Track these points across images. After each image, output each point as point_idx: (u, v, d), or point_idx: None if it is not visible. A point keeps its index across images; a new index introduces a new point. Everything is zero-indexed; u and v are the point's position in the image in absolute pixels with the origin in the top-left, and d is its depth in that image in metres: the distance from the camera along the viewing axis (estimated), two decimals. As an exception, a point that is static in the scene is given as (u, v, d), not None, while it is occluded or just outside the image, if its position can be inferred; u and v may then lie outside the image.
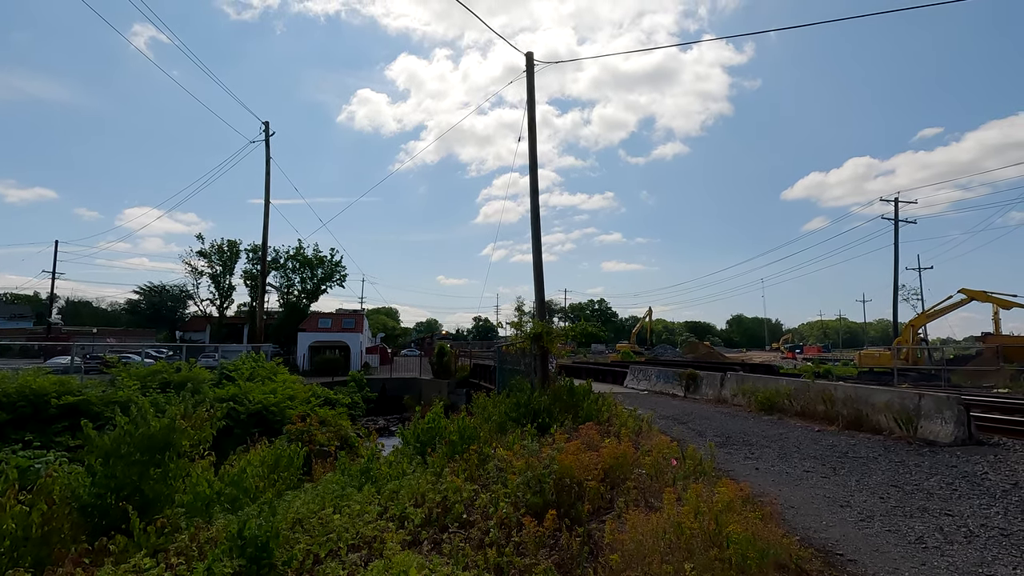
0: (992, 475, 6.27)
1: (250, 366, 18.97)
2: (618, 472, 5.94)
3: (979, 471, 6.45)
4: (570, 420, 9.02)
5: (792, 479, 6.40)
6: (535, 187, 12.27)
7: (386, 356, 50.52)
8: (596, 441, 6.96)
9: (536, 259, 12.30)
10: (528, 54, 12.64)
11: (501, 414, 9.62)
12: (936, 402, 8.43)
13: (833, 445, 8.19)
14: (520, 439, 7.22)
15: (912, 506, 5.22)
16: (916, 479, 6.20)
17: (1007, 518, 4.81)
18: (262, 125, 28.35)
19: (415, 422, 8.79)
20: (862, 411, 9.42)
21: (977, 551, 4.10)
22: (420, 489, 5.77)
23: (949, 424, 8.10)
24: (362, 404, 27.65)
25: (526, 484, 5.27)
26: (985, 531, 4.50)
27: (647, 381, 18.61)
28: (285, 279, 49.13)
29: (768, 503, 4.94)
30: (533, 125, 12.49)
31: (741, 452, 7.93)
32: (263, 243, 29.14)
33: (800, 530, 4.66)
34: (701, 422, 10.77)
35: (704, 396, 14.85)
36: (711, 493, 4.45)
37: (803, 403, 10.83)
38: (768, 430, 9.64)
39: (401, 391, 32.37)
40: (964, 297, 28.55)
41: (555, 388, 10.50)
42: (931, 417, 8.36)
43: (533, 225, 12.31)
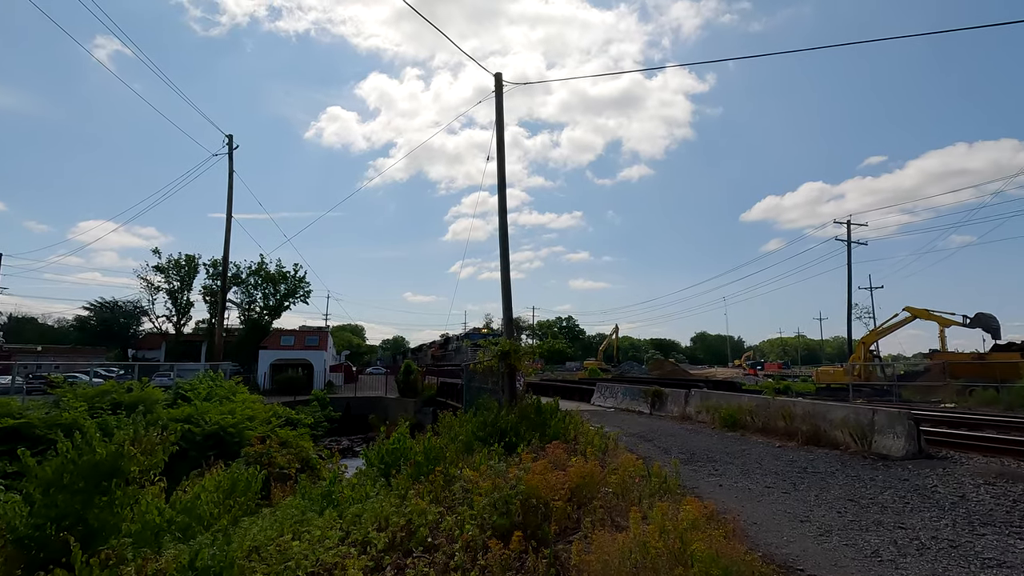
0: (941, 488, 6.51)
1: (207, 385, 18.28)
2: (585, 491, 5.93)
3: (929, 484, 6.69)
4: (537, 439, 8.97)
5: (754, 495, 6.50)
6: (503, 206, 12.35)
7: (351, 374, 49.45)
8: (563, 460, 6.95)
9: (504, 277, 12.32)
10: (497, 75, 12.81)
11: (468, 433, 9.51)
12: (889, 417, 8.75)
13: (793, 461, 8.38)
14: (487, 459, 7.14)
15: (868, 520, 5.37)
16: (871, 493, 6.38)
17: (955, 530, 4.99)
18: (225, 138, 27.79)
19: (379, 443, 8.60)
20: (820, 427, 9.69)
21: (928, 563, 4.23)
22: (384, 512, 5.63)
23: (901, 439, 8.40)
24: (325, 424, 26.91)
25: (492, 505, 5.20)
26: (935, 543, 4.65)
27: (614, 398, 18.74)
28: (246, 295, 47.85)
29: (731, 520, 5.01)
30: (502, 144, 12.61)
31: (705, 469, 8.03)
32: (224, 257, 28.36)
33: (762, 546, 4.73)
34: (666, 439, 10.87)
35: (669, 413, 15.03)
36: (676, 511, 4.47)
37: (764, 419, 11.07)
38: (731, 446, 9.80)
39: (366, 410, 31.69)
40: (908, 315, 29.92)
41: (522, 406, 10.46)
42: (884, 432, 8.66)
43: (501, 244, 12.35)
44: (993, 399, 20.41)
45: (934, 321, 28.92)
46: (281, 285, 48.18)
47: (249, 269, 47.17)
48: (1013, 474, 7.15)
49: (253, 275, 47.25)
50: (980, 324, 27.58)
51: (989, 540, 4.69)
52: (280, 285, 48.10)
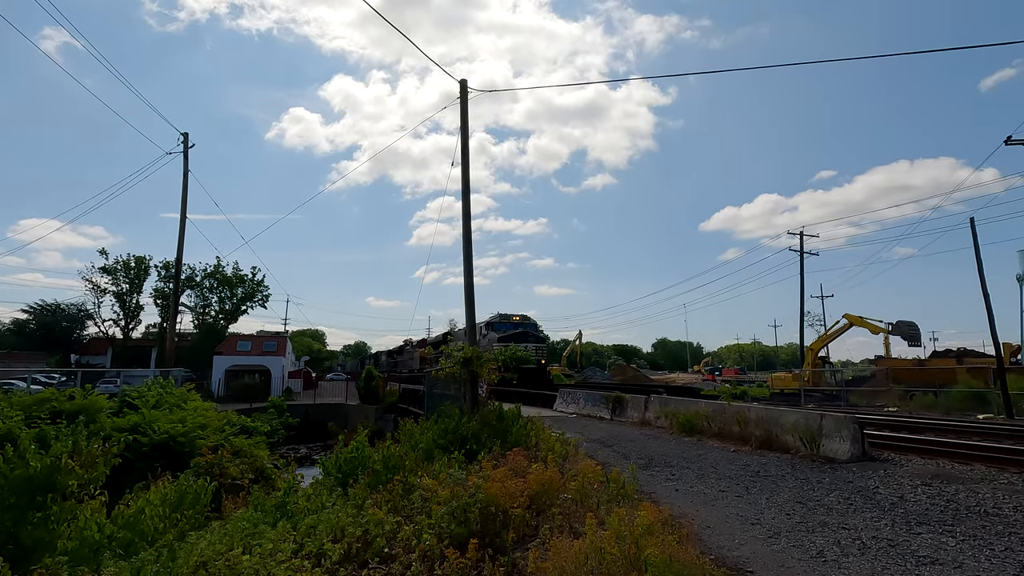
0: (882, 489, 6.82)
1: (157, 392, 17.50)
2: (544, 498, 5.95)
3: (871, 486, 7.00)
4: (498, 446, 8.96)
5: (709, 499, 6.66)
6: (467, 212, 12.34)
7: (310, 380, 48.28)
8: (523, 467, 6.96)
9: (467, 283, 12.29)
10: (462, 81, 12.82)
11: (428, 441, 9.42)
12: (835, 422, 9.12)
13: (746, 465, 8.63)
14: (447, 467, 7.09)
15: (814, 521, 5.57)
16: (818, 495, 6.63)
17: (894, 529, 5.23)
18: (180, 136, 26.86)
19: (337, 451, 8.43)
20: (772, 431, 10.02)
21: (869, 562, 4.42)
22: (340, 523, 5.51)
23: (846, 442, 8.76)
24: (282, 432, 26.18)
25: (451, 514, 5.16)
26: (876, 543, 4.86)
27: (576, 404, 18.90)
28: (201, 298, 46.23)
29: (686, 524, 5.12)
30: (466, 150, 12.61)
31: (663, 474, 8.18)
32: (177, 259, 27.35)
33: (715, 549, 4.84)
34: (626, 445, 11.03)
35: (630, 419, 15.25)
36: (633, 517, 4.54)
37: (720, 424, 11.36)
38: (688, 451, 10.02)
39: (325, 417, 30.99)
40: (847, 322, 31.45)
41: (484, 413, 10.43)
42: (831, 436, 9.02)
43: (465, 250, 12.33)
44: (932, 403, 21.56)
45: (865, 327, 30.59)
46: (238, 288, 46.72)
47: (204, 272, 45.61)
48: (947, 475, 7.56)
49: (208, 278, 45.68)
50: (899, 332, 29.39)
51: (924, 538, 4.93)
52: (237, 288, 46.64)
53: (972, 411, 19.15)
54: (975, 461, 8.46)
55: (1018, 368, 23.03)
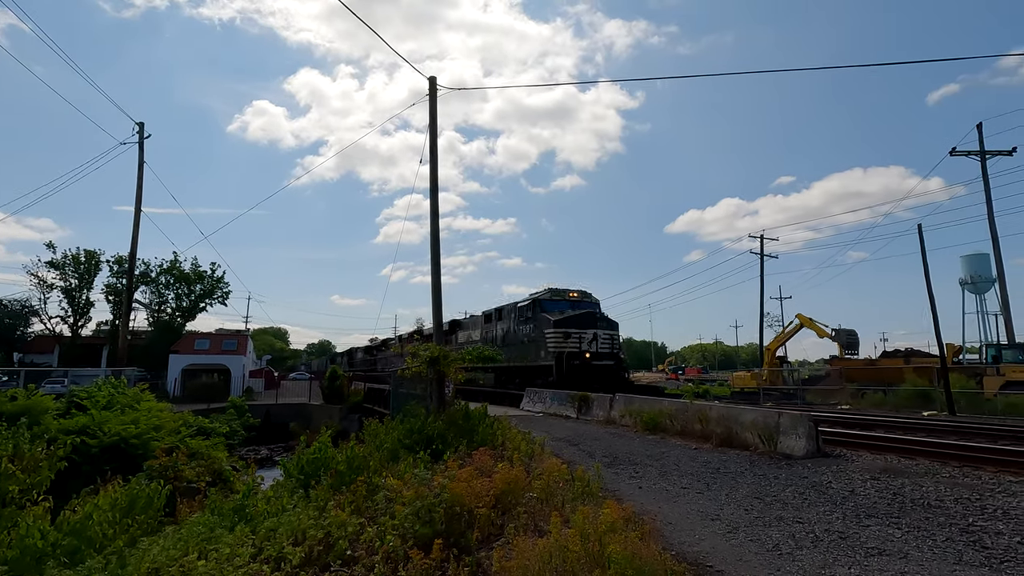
0: (835, 484, 7.09)
1: (107, 392, 16.76)
2: (510, 497, 5.96)
3: (824, 481, 7.26)
4: (464, 445, 8.94)
5: (671, 496, 6.79)
6: (435, 210, 12.25)
7: (272, 380, 47.12)
8: (489, 466, 6.95)
9: (435, 282, 12.21)
10: (431, 78, 12.72)
11: (394, 441, 9.32)
12: (792, 419, 9.43)
13: (707, 462, 8.83)
14: (412, 467, 7.03)
15: (771, 516, 5.74)
16: (775, 491, 6.84)
17: (845, 522, 5.44)
18: (135, 126, 25.80)
19: (299, 452, 8.25)
20: (733, 429, 10.28)
21: (821, 554, 4.58)
22: (301, 526, 5.39)
23: (802, 439, 9.07)
24: (242, 432, 25.46)
25: (415, 514, 5.11)
26: (828, 535, 5.05)
27: (542, 403, 19.00)
28: (157, 295, 44.49)
29: (648, 521, 5.20)
30: (435, 148, 12.52)
31: (627, 472, 8.30)
32: (131, 254, 26.28)
33: (676, 545, 4.94)
34: (591, 443, 11.14)
35: (595, 417, 15.42)
36: (597, 514, 4.59)
37: (683, 423, 11.60)
38: (652, 449, 10.19)
39: (288, 417, 30.29)
40: (798, 323, 32.75)
41: (450, 413, 10.39)
42: (788, 433, 9.32)
43: (432, 248, 12.24)
44: (881, 401, 22.55)
45: (813, 330, 31.98)
46: (197, 285, 45.15)
47: (160, 267, 43.89)
48: (894, 469, 7.91)
49: (165, 274, 44.01)
50: (839, 339, 30.78)
51: (872, 530, 5.15)
52: (195, 285, 45.07)
53: (918, 408, 20.10)
54: (920, 456, 8.87)
55: (960, 368, 24.29)
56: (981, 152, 23.32)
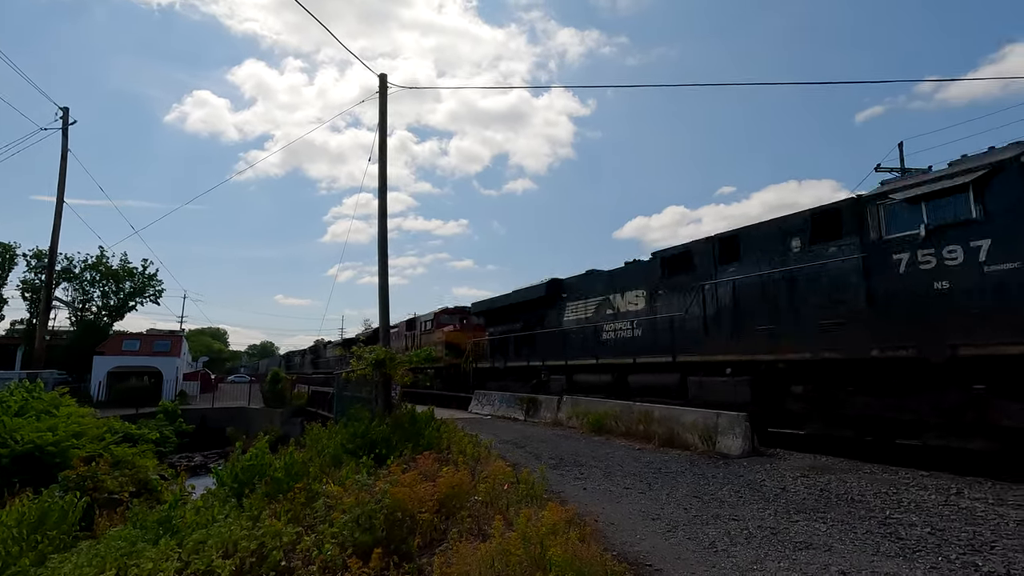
0: (768, 482, 7.40)
1: (21, 397, 15.51)
2: (454, 501, 5.89)
3: (759, 479, 7.57)
4: (410, 449, 8.79)
5: (614, 496, 6.90)
6: (384, 210, 12.02)
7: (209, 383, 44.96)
8: (434, 470, 6.86)
9: (382, 283, 11.96)
10: (382, 76, 12.48)
11: (336, 446, 9.05)
12: (729, 420, 9.78)
13: (650, 462, 9.04)
14: (354, 472, 6.83)
15: (708, 514, 5.92)
16: (712, 489, 7.07)
17: (776, 518, 5.68)
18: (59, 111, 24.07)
19: (234, 458, 7.87)
20: (674, 430, 10.57)
21: (754, 549, 4.76)
22: (232, 537, 5.13)
23: (739, 439, 9.43)
24: (174, 439, 24.16)
25: (355, 522, 4.97)
26: (761, 531, 5.25)
27: (491, 406, 18.95)
28: (81, 292, 41.53)
29: (591, 522, 5.26)
30: (384, 147, 12.29)
31: (572, 473, 8.37)
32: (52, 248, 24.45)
33: (617, 545, 5.01)
34: (538, 445, 11.20)
35: (543, 419, 15.52)
36: (540, 517, 4.59)
37: (627, 424, 11.83)
38: (597, 450, 10.34)
39: (224, 422, 28.98)
40: None
41: (396, 416, 10.20)
42: (726, 433, 9.67)
43: (380, 248, 11.99)
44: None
45: None
46: (126, 282, 42.49)
47: (85, 263, 41.03)
48: (822, 467, 8.33)
49: (90, 269, 41.15)
50: None
51: (801, 525, 5.39)
52: (124, 282, 42.40)
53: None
54: (844, 454, 9.39)
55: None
56: (902, 169, 25.03)
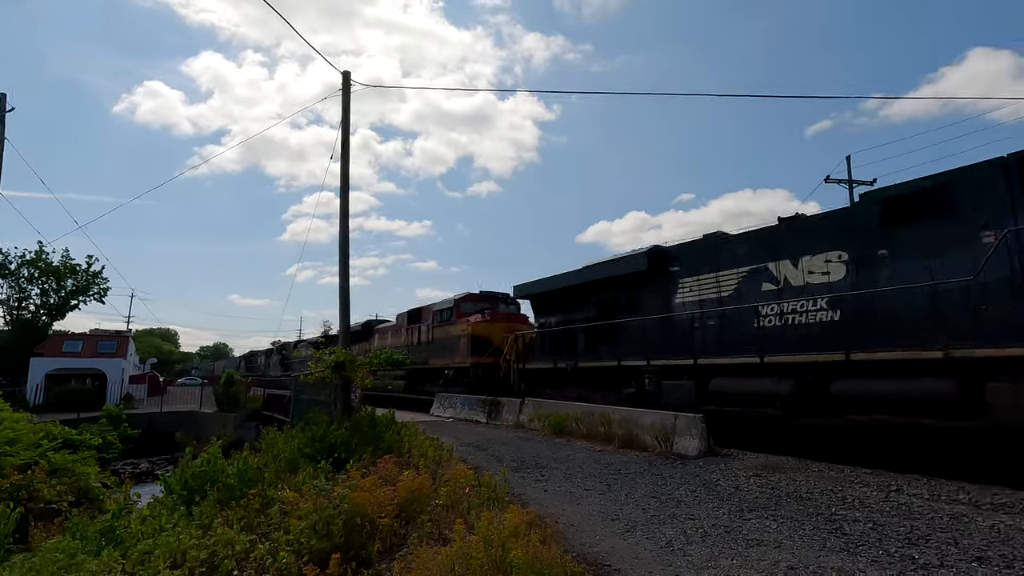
0: (723, 481, 7.62)
1: (-53, 402, 14.49)
2: (415, 505, 5.84)
3: (714, 478, 7.78)
4: (369, 453, 8.65)
5: (575, 498, 6.96)
6: (345, 209, 11.81)
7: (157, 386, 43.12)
8: (394, 474, 6.77)
9: (343, 284, 11.75)
10: (345, 73, 12.28)
11: (293, 450, 8.83)
12: (686, 421, 10.03)
13: (609, 463, 9.17)
14: (312, 478, 6.68)
15: (665, 514, 6.05)
16: (669, 489, 7.23)
17: (730, 517, 5.85)
18: (-5, 97, 22.62)
19: (183, 464, 7.57)
20: (633, 431, 10.76)
21: (708, 547, 4.89)
22: (181, 546, 4.94)
23: (695, 439, 9.67)
24: (118, 445, 23.07)
25: (312, 528, 4.86)
26: (716, 530, 5.40)
27: (453, 409, 18.85)
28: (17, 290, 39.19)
29: (552, 524, 5.29)
30: (347, 145, 12.08)
31: (533, 475, 8.41)
32: (-16, 244, 22.92)
33: (577, 546, 5.06)
34: (500, 448, 11.20)
35: (505, 422, 15.54)
36: (501, 519, 4.60)
37: (588, 426, 11.98)
38: (558, 452, 10.42)
39: (174, 427, 27.85)
40: None
41: (355, 420, 10.03)
42: (683, 434, 9.90)
43: (342, 249, 11.78)
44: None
45: None
46: (67, 280, 40.34)
47: (21, 258, 38.75)
48: (773, 465, 8.64)
49: (27, 266, 38.89)
50: None
51: (753, 523, 5.58)
52: (66, 280, 40.24)
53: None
54: (794, 453, 9.76)
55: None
56: (849, 181, 26.27)
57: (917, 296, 8.25)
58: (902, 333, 8.28)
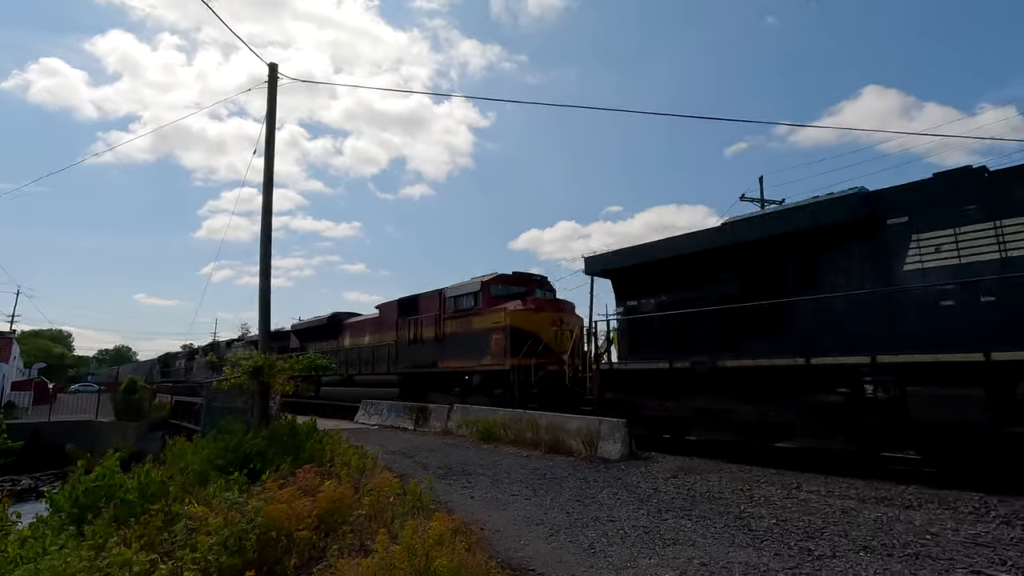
0: (643, 483, 7.91)
1: None
2: (336, 516, 5.63)
3: (635, 481, 8.07)
4: (288, 463, 8.26)
5: (501, 504, 6.99)
6: (268, 206, 11.28)
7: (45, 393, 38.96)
8: (315, 484, 6.51)
9: (264, 284, 11.19)
10: (272, 65, 11.77)
11: (203, 462, 8.28)
12: (610, 426, 10.35)
13: (536, 469, 9.28)
14: (223, 490, 6.28)
15: (588, 517, 6.20)
16: (592, 492, 7.42)
17: (649, 517, 6.09)
18: None
19: (74, 479, 6.89)
20: (560, 436, 10.96)
21: (628, 548, 5.06)
22: (68, 570, 4.48)
23: (618, 444, 10.00)
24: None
25: (222, 544, 4.57)
26: (635, 531, 5.60)
27: (379, 416, 18.40)
28: None
29: (477, 530, 5.29)
30: (271, 140, 11.56)
31: (460, 482, 8.36)
32: None
33: (502, 552, 5.07)
34: (427, 455, 11.05)
35: (432, 428, 15.35)
36: (426, 528, 4.53)
37: (516, 432, 12.07)
38: (485, 458, 10.43)
39: (64, 438, 25.22)
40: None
41: (274, 428, 9.56)
42: (607, 439, 10.21)
43: (263, 249, 11.23)
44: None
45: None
46: (-62, 274, 35.73)
47: None
48: (689, 467, 9.08)
49: None
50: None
51: (669, 523, 5.83)
52: (-64, 274, 35.64)
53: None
54: (707, 455, 10.31)
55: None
56: (761, 200, 28.21)
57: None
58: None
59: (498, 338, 15.49)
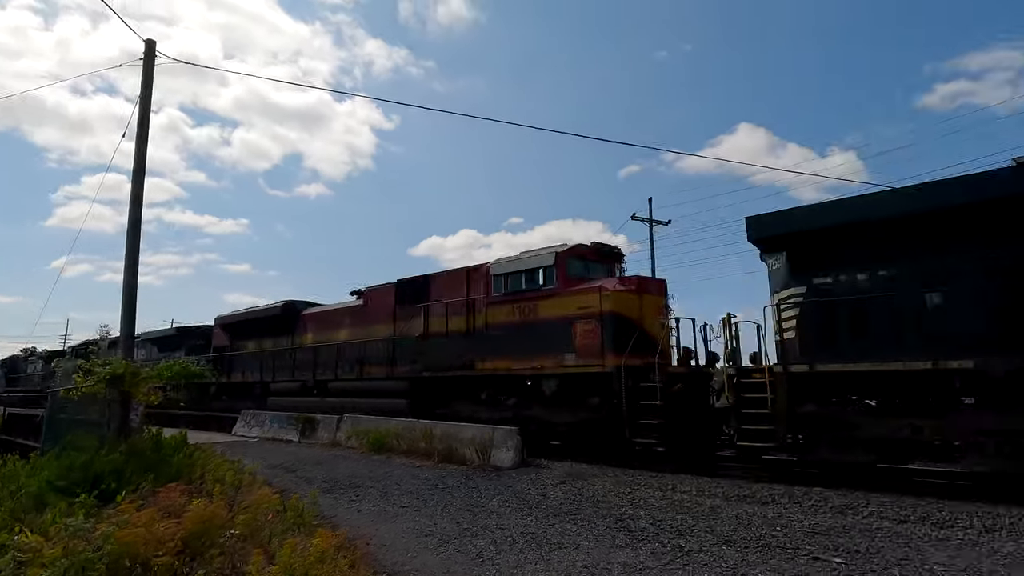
0: (532, 490, 8.10)
1: None
2: (204, 539, 5.14)
3: (525, 488, 8.24)
4: (150, 481, 7.43)
5: (389, 516, 6.81)
6: (138, 196, 10.18)
7: None
8: (181, 504, 5.91)
9: (129, 281, 10.05)
10: (149, 41, 10.69)
11: (41, 483, 7.20)
12: (503, 434, 10.50)
13: (428, 479, 9.16)
14: (65, 516, 5.51)
15: (478, 525, 6.22)
16: (483, 501, 7.46)
17: (537, 524, 6.24)
18: None
19: None
20: (453, 446, 10.92)
21: (516, 555, 5.15)
22: None
23: (510, 452, 10.16)
24: None
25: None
26: (523, 538, 5.70)
27: (260, 427, 17.17)
28: None
29: (362, 545, 5.10)
30: (145, 123, 10.48)
31: (347, 495, 8.04)
32: None
33: (389, 566, 4.94)
34: (312, 468, 10.50)
35: (320, 440, 14.61)
36: (307, 545, 4.30)
37: (409, 442, 11.84)
38: (376, 470, 10.11)
39: None
40: None
41: (135, 442, 8.57)
42: (499, 447, 10.33)
43: (130, 243, 10.11)
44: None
45: None
46: None
47: None
48: (577, 473, 9.45)
49: None
50: None
51: (556, 528, 6.02)
52: None
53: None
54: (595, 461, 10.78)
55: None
56: (650, 220, 30.29)
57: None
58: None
59: (588, 328, 11.16)
